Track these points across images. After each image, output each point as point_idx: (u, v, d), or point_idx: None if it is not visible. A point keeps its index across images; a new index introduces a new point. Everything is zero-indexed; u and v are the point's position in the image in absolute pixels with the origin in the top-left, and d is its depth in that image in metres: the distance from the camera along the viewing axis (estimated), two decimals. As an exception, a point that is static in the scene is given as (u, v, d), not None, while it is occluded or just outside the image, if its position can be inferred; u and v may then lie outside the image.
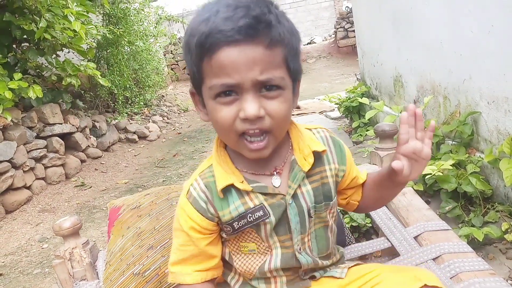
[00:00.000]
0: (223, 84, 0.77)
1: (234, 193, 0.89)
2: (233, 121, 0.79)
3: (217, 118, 0.81)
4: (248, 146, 0.81)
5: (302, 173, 0.90)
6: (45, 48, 4.62)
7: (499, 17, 2.06)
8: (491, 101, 2.23)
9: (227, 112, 0.79)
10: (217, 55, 0.75)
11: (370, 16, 4.23)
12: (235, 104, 0.78)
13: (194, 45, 0.78)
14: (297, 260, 0.92)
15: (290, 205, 0.89)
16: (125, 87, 6.59)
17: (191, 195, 0.92)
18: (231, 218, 0.88)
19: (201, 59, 0.78)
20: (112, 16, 6.52)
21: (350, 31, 11.39)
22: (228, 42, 0.74)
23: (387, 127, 1.63)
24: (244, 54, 0.74)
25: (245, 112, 0.77)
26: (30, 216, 3.93)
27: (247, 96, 0.77)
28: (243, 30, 0.73)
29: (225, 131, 0.82)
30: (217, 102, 0.79)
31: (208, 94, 0.80)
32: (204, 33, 0.75)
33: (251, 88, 0.77)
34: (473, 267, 1.08)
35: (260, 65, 0.76)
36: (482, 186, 2.13)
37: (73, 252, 1.46)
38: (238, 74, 0.75)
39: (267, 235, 0.90)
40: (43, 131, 4.65)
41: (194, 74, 0.83)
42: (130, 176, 4.95)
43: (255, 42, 0.75)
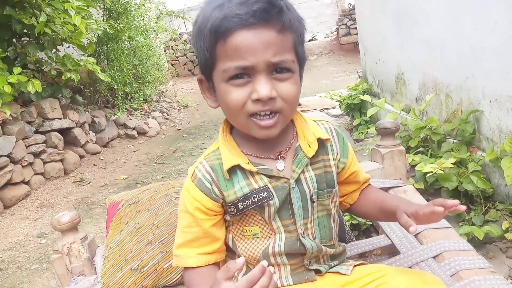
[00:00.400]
0: (237, 66, 0.80)
1: (239, 174, 0.91)
2: (245, 102, 0.82)
3: (228, 100, 0.84)
4: (258, 123, 0.84)
5: (306, 159, 0.93)
6: (45, 43, 4.60)
7: (502, 16, 2.05)
8: (493, 99, 2.22)
9: (239, 93, 0.82)
10: (232, 38, 0.79)
11: (372, 13, 4.21)
12: (248, 86, 0.82)
13: (208, 30, 0.81)
14: (302, 244, 0.93)
15: (293, 189, 0.91)
16: (125, 82, 6.58)
17: (196, 177, 0.93)
18: (235, 198, 0.90)
19: (216, 43, 0.81)
20: (112, 10, 6.50)
21: (352, 28, 11.35)
22: (243, 26, 0.78)
23: (389, 124, 1.62)
24: (258, 37, 0.79)
25: (258, 93, 0.80)
26: (29, 212, 3.92)
27: (260, 78, 0.81)
28: (257, 14, 0.77)
29: (235, 112, 0.85)
30: (230, 84, 0.83)
31: (221, 77, 0.83)
32: (219, 18, 0.78)
33: (264, 70, 0.81)
34: (474, 265, 1.07)
35: (273, 48, 0.80)
36: (483, 184, 2.12)
37: (71, 247, 1.45)
38: (252, 56, 0.79)
39: (270, 218, 0.91)
40: (42, 126, 4.63)
41: (206, 60, 0.85)
42: (129, 172, 4.94)
43: (269, 25, 0.79)
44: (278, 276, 0.94)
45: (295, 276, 0.95)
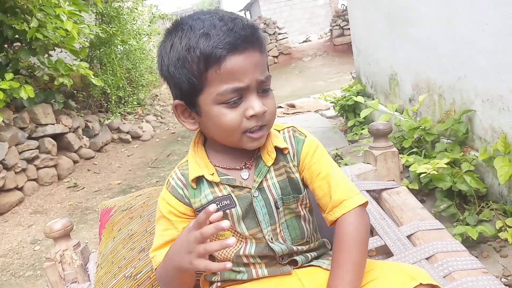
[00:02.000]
0: (234, 88, 0.86)
1: (205, 184, 0.97)
2: (241, 121, 0.89)
3: (224, 121, 0.89)
4: (251, 137, 0.91)
5: (266, 167, 0.97)
6: (37, 48, 4.57)
7: (493, 16, 2.06)
8: (485, 99, 2.23)
9: (234, 114, 0.88)
10: (226, 63, 0.84)
11: (365, 14, 4.23)
12: (240, 106, 0.88)
13: (197, 58, 0.85)
14: (271, 249, 0.96)
15: (256, 197, 0.96)
16: (118, 86, 6.55)
17: (170, 184, 1.01)
18: (200, 205, 0.96)
19: (207, 69, 0.85)
20: (105, 15, 6.48)
21: (346, 29, 11.40)
22: (234, 51, 0.84)
23: (381, 126, 1.62)
24: (249, 59, 0.86)
25: (255, 110, 0.87)
26: (22, 218, 3.90)
27: (253, 96, 0.88)
28: (246, 39, 0.85)
29: (230, 132, 0.90)
30: (223, 107, 0.88)
31: (213, 100, 0.88)
32: (210, 46, 0.83)
33: (255, 89, 0.88)
34: (466, 266, 1.07)
35: (260, 67, 0.89)
36: (476, 184, 2.13)
37: (64, 254, 1.44)
38: (246, 78, 0.86)
39: (235, 224, 0.95)
40: (35, 131, 4.61)
41: (191, 86, 0.89)
42: (123, 176, 4.92)
43: (254, 48, 0.88)
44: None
45: (270, 270, 0.98)
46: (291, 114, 6.20)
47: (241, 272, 0.99)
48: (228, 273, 1.00)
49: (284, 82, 9.32)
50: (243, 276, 0.98)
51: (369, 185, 1.58)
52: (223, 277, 1.01)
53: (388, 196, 1.53)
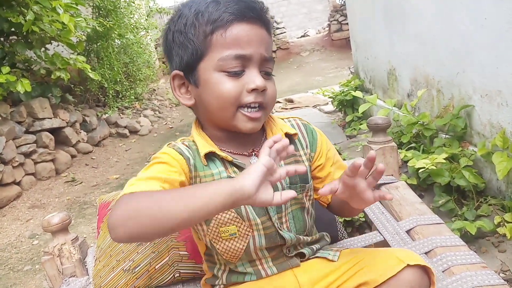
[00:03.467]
0: (237, 54, 0.85)
1: (217, 162, 0.93)
2: (239, 93, 0.87)
3: (222, 90, 0.87)
4: (247, 115, 0.88)
5: None
6: (33, 41, 4.53)
7: (492, 10, 2.05)
8: (484, 94, 2.22)
9: (234, 84, 0.86)
10: (232, 28, 0.85)
11: (363, 8, 4.21)
12: (241, 79, 0.87)
13: (205, 21, 0.86)
14: (281, 237, 0.94)
15: None
16: (116, 80, 6.52)
17: (175, 145, 0.95)
18: (212, 181, 0.91)
19: (212, 33, 0.86)
20: (102, 8, 6.43)
21: (344, 23, 11.35)
22: (242, 18, 0.85)
23: (380, 121, 1.62)
24: (255, 30, 0.87)
25: (255, 83, 0.86)
26: (20, 212, 3.89)
27: (255, 70, 0.88)
28: (254, 10, 0.87)
29: (226, 103, 0.87)
30: (224, 75, 0.87)
31: (214, 66, 0.87)
32: (219, 10, 0.85)
33: (257, 63, 0.88)
34: (465, 260, 1.08)
35: (265, 44, 0.89)
36: (475, 179, 2.13)
37: (62, 248, 1.43)
38: (250, 47, 0.86)
39: (247, 213, 0.92)
40: (32, 126, 4.58)
41: (193, 51, 0.88)
42: (121, 171, 4.91)
43: (261, 23, 0.89)
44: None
45: (278, 265, 0.96)
46: (289, 109, 6.19)
47: (248, 273, 0.96)
48: (235, 276, 0.98)
49: (282, 77, 9.28)
50: (251, 278, 0.96)
51: (368, 179, 1.58)
52: (230, 281, 0.98)
53: (387, 191, 1.53)
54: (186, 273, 1.26)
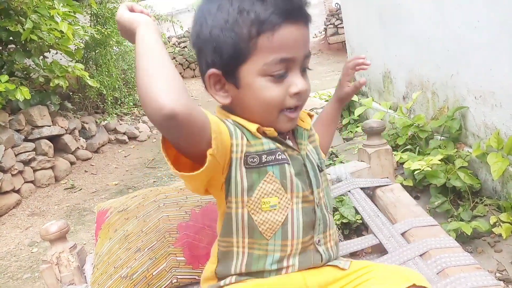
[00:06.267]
0: (283, 58, 0.82)
1: (262, 138, 0.89)
2: (284, 98, 0.86)
3: (267, 96, 0.85)
4: (289, 116, 0.88)
5: (306, 131, 0.98)
6: (32, 50, 4.56)
7: (485, 12, 2.07)
8: (478, 96, 2.24)
9: (279, 89, 0.85)
10: (280, 31, 0.81)
11: (357, 12, 4.24)
12: (284, 82, 0.85)
13: (249, 21, 0.81)
14: (314, 213, 0.94)
15: (306, 159, 0.95)
16: (114, 87, 6.54)
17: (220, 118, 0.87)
18: (262, 150, 0.88)
19: (257, 35, 0.81)
20: (99, 16, 6.46)
21: (340, 27, 11.40)
22: (290, 20, 0.81)
23: (375, 124, 1.63)
24: (301, 31, 0.84)
25: (299, 87, 0.85)
26: (19, 220, 3.89)
27: (297, 72, 0.86)
28: (302, 10, 0.84)
29: (270, 108, 0.86)
30: (268, 80, 0.84)
31: (259, 71, 0.84)
32: (267, 11, 0.80)
33: (300, 65, 0.86)
34: (459, 262, 1.09)
35: (308, 41, 0.87)
36: (470, 180, 2.14)
37: (61, 256, 1.44)
38: (296, 50, 0.84)
39: (292, 178, 0.90)
40: (31, 133, 4.60)
41: (236, 53, 0.83)
42: (120, 177, 4.92)
43: (306, 20, 0.86)
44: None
45: (302, 257, 0.93)
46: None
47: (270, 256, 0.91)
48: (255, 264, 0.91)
49: (280, 80, 9.28)
50: (271, 266, 0.91)
51: (363, 182, 1.59)
52: (250, 269, 0.92)
53: (382, 193, 1.55)
54: (184, 279, 1.27)
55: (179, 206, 1.39)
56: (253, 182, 0.88)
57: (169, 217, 1.36)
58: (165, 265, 1.27)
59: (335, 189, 1.57)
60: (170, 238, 1.31)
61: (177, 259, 1.28)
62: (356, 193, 1.52)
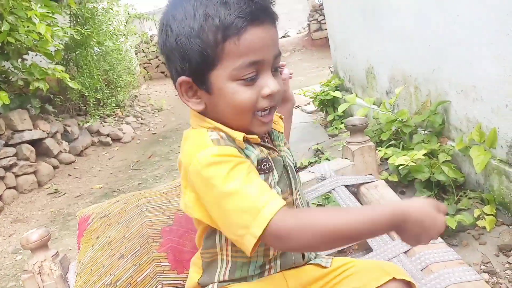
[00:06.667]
0: (251, 61, 0.81)
1: (248, 146, 0.89)
2: (256, 100, 0.84)
3: (239, 99, 0.83)
4: (262, 120, 0.87)
5: (280, 134, 1.00)
6: (9, 52, 4.47)
7: (464, 7, 2.09)
8: (459, 90, 2.26)
9: (250, 92, 0.83)
10: (246, 35, 0.79)
11: (340, 7, 4.24)
12: (255, 84, 0.83)
13: (214, 27, 0.79)
14: None
15: (285, 160, 0.95)
16: (96, 88, 6.45)
17: (219, 140, 0.84)
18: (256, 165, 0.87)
19: (223, 41, 0.79)
20: (79, 16, 6.37)
21: (324, 23, 11.43)
22: (255, 22, 0.80)
23: (357, 121, 1.63)
24: (268, 32, 0.83)
25: (271, 89, 0.84)
26: (2, 227, 3.82)
27: (268, 74, 0.84)
28: (266, 10, 0.82)
29: (243, 111, 0.85)
30: (239, 84, 0.82)
31: (228, 76, 0.82)
32: (230, 14, 0.78)
33: (270, 66, 0.85)
34: (443, 257, 1.10)
35: (276, 42, 0.86)
36: (454, 174, 2.16)
37: (43, 265, 1.41)
38: (264, 51, 0.82)
39: (272, 188, 0.89)
40: (11, 138, 4.51)
41: (204, 60, 0.82)
42: (105, 180, 4.86)
43: (272, 20, 0.84)
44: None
45: (283, 257, 0.95)
46: (272, 110, 6.19)
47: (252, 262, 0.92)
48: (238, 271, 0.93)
49: (265, 78, 9.27)
50: (255, 271, 0.92)
51: (347, 180, 1.59)
52: (233, 276, 0.93)
53: (366, 190, 1.55)
54: (169, 284, 1.25)
55: (162, 211, 1.37)
56: None
57: (152, 222, 1.34)
58: (149, 271, 1.25)
59: (320, 187, 1.56)
60: (154, 244, 1.29)
61: (161, 264, 1.26)
62: (340, 191, 1.52)
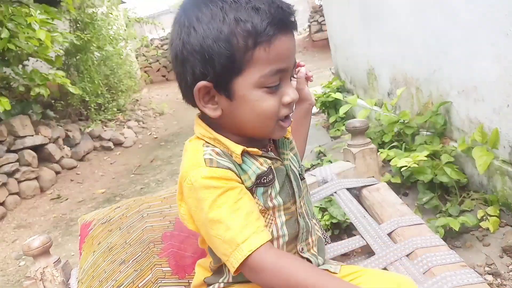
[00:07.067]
0: (278, 69, 0.81)
1: (247, 160, 0.88)
2: (279, 107, 0.84)
3: (264, 107, 0.83)
4: (283, 125, 0.88)
5: (287, 140, 0.99)
6: (10, 59, 4.48)
7: (463, 8, 2.08)
8: (461, 90, 2.25)
9: (274, 100, 0.83)
10: (276, 42, 0.79)
11: (339, 9, 4.24)
12: (278, 92, 0.84)
13: (246, 32, 0.78)
14: (298, 222, 0.94)
15: (289, 169, 0.95)
16: (97, 93, 6.46)
17: (212, 161, 0.83)
18: (251, 183, 0.87)
19: (254, 47, 0.78)
20: (79, 21, 6.39)
21: (324, 24, 11.41)
22: (284, 30, 0.81)
23: (358, 124, 1.63)
24: (292, 41, 0.84)
25: (291, 97, 0.85)
26: (5, 233, 3.82)
27: (289, 82, 0.86)
28: (292, 20, 0.83)
29: (267, 119, 0.85)
30: (264, 92, 0.82)
31: (254, 83, 0.81)
32: (263, 20, 0.77)
33: (291, 73, 0.87)
34: (445, 260, 1.09)
35: (296, 50, 0.88)
36: (457, 175, 2.15)
37: (45, 271, 1.41)
38: (289, 59, 0.84)
39: (272, 200, 0.90)
40: (13, 144, 4.52)
41: (230, 65, 0.79)
42: (107, 185, 4.86)
43: (295, 29, 0.85)
44: None
45: None
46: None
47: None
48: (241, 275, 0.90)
49: (265, 80, 9.27)
50: None
51: (349, 183, 1.58)
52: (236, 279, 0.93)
53: (368, 193, 1.54)
54: (170, 290, 1.25)
55: (163, 216, 1.36)
56: None
57: (153, 227, 1.33)
58: (150, 276, 1.24)
59: (321, 190, 1.55)
60: (155, 249, 1.29)
61: (163, 269, 1.25)
62: (342, 194, 1.51)
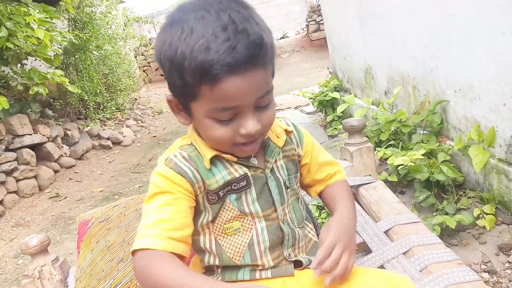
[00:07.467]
0: (224, 107, 0.79)
1: (219, 165, 0.91)
2: (232, 136, 0.83)
3: (213, 135, 0.84)
4: (243, 149, 0.87)
5: (277, 149, 0.98)
6: (8, 58, 4.47)
7: (459, 7, 2.09)
8: (457, 89, 2.26)
9: (226, 130, 0.82)
10: (221, 85, 0.76)
11: (337, 8, 4.25)
12: (233, 122, 0.82)
13: (191, 69, 0.76)
14: (281, 230, 0.95)
15: (269, 178, 0.94)
16: (96, 92, 6.47)
17: (171, 161, 0.89)
18: (217, 187, 0.89)
19: (200, 83, 0.77)
20: (77, 20, 6.38)
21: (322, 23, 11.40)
22: (233, 73, 0.75)
23: (355, 122, 1.63)
24: (247, 81, 0.77)
25: (248, 129, 0.81)
26: (4, 232, 3.82)
27: (248, 115, 0.81)
28: (250, 60, 0.75)
29: (220, 143, 0.86)
30: (215, 122, 0.82)
31: (204, 113, 0.82)
32: (206, 62, 0.74)
33: (251, 107, 0.81)
34: (442, 258, 1.09)
35: (260, 87, 0.80)
36: (453, 173, 2.16)
37: (43, 270, 1.42)
38: (241, 99, 0.79)
39: (249, 206, 0.92)
40: (12, 143, 4.52)
41: (184, 91, 0.82)
42: (105, 183, 4.86)
43: (257, 67, 0.78)
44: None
45: (275, 270, 0.95)
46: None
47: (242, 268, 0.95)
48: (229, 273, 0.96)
49: (264, 79, 9.26)
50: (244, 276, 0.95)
51: (346, 181, 1.59)
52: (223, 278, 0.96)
53: (365, 191, 1.55)
54: (168, 288, 1.25)
55: (161, 214, 1.37)
56: (216, 212, 0.92)
57: (151, 226, 1.34)
58: (149, 275, 1.25)
59: (319, 189, 1.56)
60: (153, 247, 1.29)
61: (161, 268, 1.26)
62: (339, 193, 1.52)
